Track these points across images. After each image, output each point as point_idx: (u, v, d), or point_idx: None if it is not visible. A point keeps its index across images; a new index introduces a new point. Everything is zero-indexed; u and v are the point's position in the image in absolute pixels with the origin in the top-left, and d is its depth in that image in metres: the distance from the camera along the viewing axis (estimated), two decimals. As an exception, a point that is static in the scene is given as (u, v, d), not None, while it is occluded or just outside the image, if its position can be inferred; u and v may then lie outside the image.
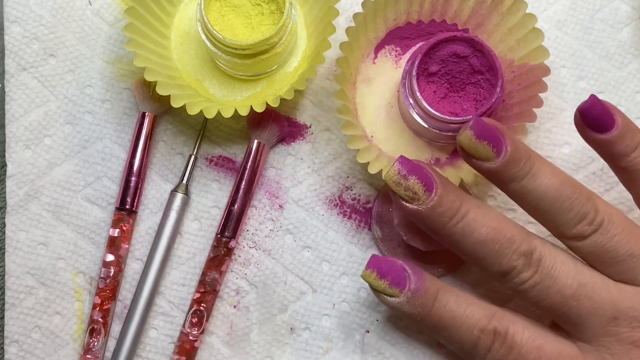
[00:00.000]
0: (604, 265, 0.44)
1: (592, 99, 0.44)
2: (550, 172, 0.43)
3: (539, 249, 0.43)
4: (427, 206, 0.43)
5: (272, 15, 0.51)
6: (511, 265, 0.43)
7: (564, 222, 0.43)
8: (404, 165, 0.43)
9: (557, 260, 0.43)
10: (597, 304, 0.43)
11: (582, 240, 0.43)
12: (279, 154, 0.54)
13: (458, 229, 0.43)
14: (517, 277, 0.43)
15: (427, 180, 0.43)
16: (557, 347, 0.44)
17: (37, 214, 0.53)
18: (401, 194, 0.43)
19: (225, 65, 0.52)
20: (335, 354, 0.53)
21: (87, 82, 0.55)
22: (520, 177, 0.43)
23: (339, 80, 0.49)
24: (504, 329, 0.44)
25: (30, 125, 0.54)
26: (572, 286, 0.43)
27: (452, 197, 0.43)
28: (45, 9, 0.55)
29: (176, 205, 0.53)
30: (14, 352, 0.52)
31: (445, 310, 0.44)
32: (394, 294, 0.44)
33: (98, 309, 0.52)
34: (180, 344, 0.52)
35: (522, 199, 0.44)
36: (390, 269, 0.44)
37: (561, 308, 0.43)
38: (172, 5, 0.54)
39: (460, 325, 0.44)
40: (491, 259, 0.43)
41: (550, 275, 0.43)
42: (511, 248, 0.43)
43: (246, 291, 0.53)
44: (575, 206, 0.43)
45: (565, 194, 0.43)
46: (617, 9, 0.55)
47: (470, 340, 0.44)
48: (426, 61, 0.49)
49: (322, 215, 0.54)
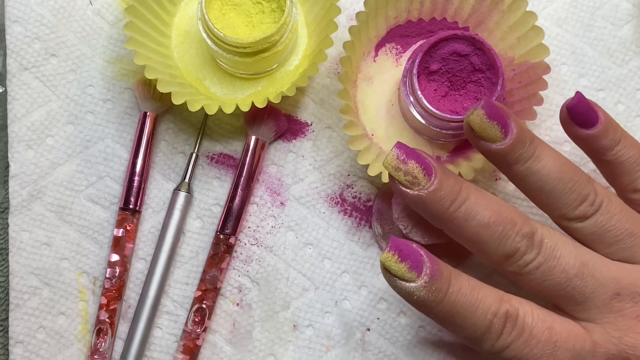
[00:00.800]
0: (604, 245, 0.44)
1: (579, 96, 0.45)
2: (553, 154, 0.44)
3: (540, 230, 0.43)
4: (427, 190, 0.42)
5: (272, 14, 0.51)
6: (515, 247, 0.43)
7: (566, 203, 0.44)
8: (402, 150, 0.43)
9: (558, 241, 0.43)
10: (599, 281, 0.43)
11: (585, 220, 0.44)
12: (281, 151, 0.54)
13: (460, 212, 0.43)
14: (522, 259, 0.43)
15: (426, 165, 0.43)
16: (565, 326, 0.44)
17: (40, 214, 0.54)
18: (401, 179, 0.43)
19: (226, 63, 0.52)
20: (337, 352, 0.53)
21: (89, 81, 0.55)
22: (525, 159, 0.43)
23: (342, 80, 0.49)
24: (515, 312, 0.43)
25: (33, 125, 0.54)
26: (575, 265, 0.43)
27: (451, 181, 0.43)
28: (47, 8, 0.55)
29: (179, 204, 0.53)
30: (19, 352, 0.53)
31: (459, 294, 0.43)
32: (412, 279, 0.42)
33: (104, 309, 0.52)
34: (184, 343, 0.52)
35: (526, 180, 0.44)
36: (410, 252, 0.42)
37: (565, 288, 0.43)
38: (173, 4, 0.54)
39: (475, 310, 0.43)
40: (494, 242, 0.43)
41: (553, 256, 0.43)
42: (514, 230, 0.43)
43: (248, 288, 0.53)
44: (577, 188, 0.43)
45: (568, 175, 0.43)
46: (617, 6, 0.55)
47: (483, 325, 0.43)
48: (427, 59, 0.49)
49: (323, 213, 0.54)
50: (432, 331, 0.53)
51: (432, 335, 0.53)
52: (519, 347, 0.43)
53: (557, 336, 0.43)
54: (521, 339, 0.43)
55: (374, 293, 0.53)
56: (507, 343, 0.43)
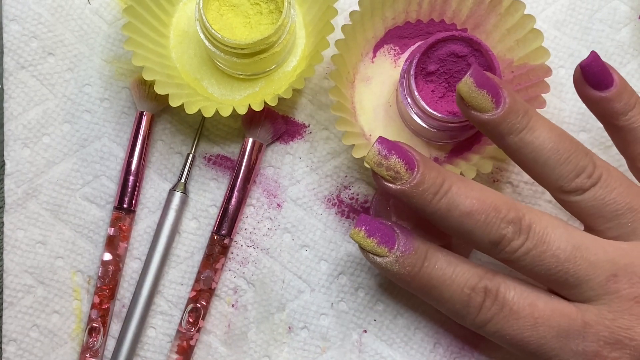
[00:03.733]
0: (603, 220, 0.43)
1: (593, 55, 0.44)
2: (548, 125, 0.43)
3: (528, 215, 0.43)
4: (410, 184, 0.42)
5: (270, 15, 0.51)
6: (500, 234, 0.42)
7: (562, 175, 0.43)
8: (384, 145, 0.43)
9: (547, 225, 0.43)
10: (594, 264, 0.42)
11: (582, 193, 0.43)
12: (277, 152, 0.54)
13: (442, 204, 0.42)
14: (509, 246, 0.42)
15: (408, 159, 0.43)
16: (551, 304, 0.43)
17: (36, 212, 0.53)
18: (383, 174, 0.43)
19: (223, 64, 0.52)
20: (333, 354, 0.53)
21: (86, 80, 0.55)
22: (518, 130, 0.43)
23: (333, 77, 0.49)
24: (495, 287, 0.43)
25: (29, 123, 0.54)
26: (566, 249, 0.42)
27: (434, 173, 0.43)
28: (44, 7, 0.55)
29: (175, 204, 0.53)
30: (12, 350, 0.52)
31: (434, 269, 0.44)
32: (383, 254, 0.44)
33: (97, 309, 0.52)
34: (178, 343, 0.52)
35: (519, 152, 0.43)
36: (378, 228, 0.44)
37: (557, 272, 0.42)
38: (171, 5, 0.54)
39: (451, 284, 0.44)
40: (479, 231, 0.42)
41: (542, 240, 0.42)
42: (498, 217, 0.42)
43: (244, 290, 0.53)
44: (573, 159, 0.43)
45: (564, 146, 0.43)
46: (615, 9, 0.55)
47: (460, 299, 0.44)
48: (424, 60, 0.49)
49: (320, 214, 0.54)
50: (429, 333, 0.53)
51: (429, 337, 0.53)
52: (500, 322, 0.43)
53: (540, 312, 0.43)
54: (502, 313, 0.43)
55: (371, 295, 0.53)
56: (487, 317, 0.43)
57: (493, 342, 0.45)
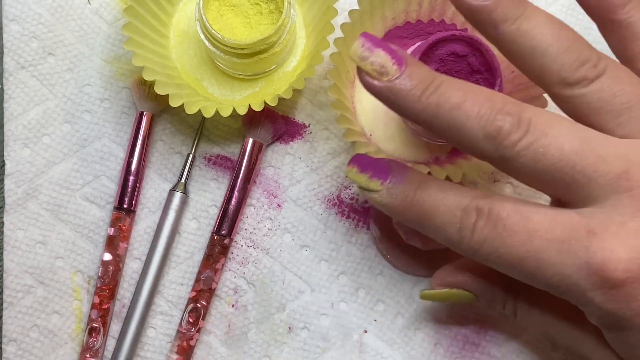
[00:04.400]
0: (613, 114, 0.39)
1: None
2: (546, 14, 0.39)
3: (528, 109, 0.38)
4: (397, 80, 0.39)
5: (270, 15, 0.51)
6: (497, 125, 0.38)
7: (565, 64, 0.39)
8: (368, 39, 0.39)
9: (550, 118, 0.38)
10: (603, 158, 0.37)
11: (588, 84, 0.39)
12: (278, 152, 0.54)
13: (432, 99, 0.38)
14: (507, 139, 0.38)
15: (395, 54, 0.39)
16: (549, 215, 0.38)
17: (36, 212, 0.53)
18: (367, 68, 0.39)
19: (224, 64, 0.52)
20: (333, 354, 0.53)
21: (86, 80, 0.55)
22: (514, 17, 0.39)
23: (332, 76, 0.49)
24: (487, 205, 0.39)
25: (29, 123, 0.54)
26: (572, 141, 0.37)
27: (424, 70, 0.39)
28: (44, 7, 0.55)
29: (175, 205, 0.53)
30: (12, 351, 0.52)
31: (427, 195, 0.40)
32: (376, 188, 0.41)
33: (97, 309, 0.52)
34: (178, 343, 0.52)
35: (516, 42, 0.39)
36: (371, 163, 0.41)
37: (563, 168, 0.38)
38: (171, 5, 0.54)
39: (442, 208, 0.40)
40: (473, 124, 0.38)
41: (545, 133, 0.38)
42: (494, 108, 0.38)
43: (244, 290, 0.53)
44: (576, 48, 0.39)
45: (565, 34, 0.39)
46: (616, 9, 0.55)
47: (452, 223, 0.40)
48: (425, 60, 0.49)
49: (320, 215, 0.54)
50: (429, 333, 0.53)
51: (429, 337, 0.53)
52: (495, 241, 0.39)
53: (536, 225, 0.38)
54: (495, 231, 0.38)
55: (372, 295, 0.53)
56: (481, 238, 0.39)
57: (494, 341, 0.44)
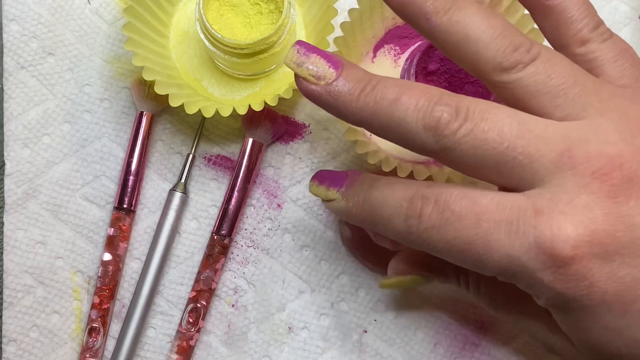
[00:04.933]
0: (549, 97, 0.39)
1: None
2: (477, 5, 0.39)
3: (465, 99, 0.38)
4: (335, 83, 0.39)
5: (270, 15, 0.51)
6: (435, 116, 0.38)
7: (499, 49, 0.38)
8: (303, 45, 0.40)
9: (488, 105, 0.38)
10: (544, 138, 0.37)
11: (523, 68, 0.38)
12: (278, 153, 0.54)
13: (370, 98, 0.39)
14: (447, 128, 0.37)
15: (330, 58, 0.39)
16: (496, 198, 0.37)
17: (36, 212, 0.53)
18: (304, 74, 0.39)
19: (223, 64, 0.52)
20: (333, 354, 0.53)
21: (86, 80, 0.55)
22: (445, 9, 0.39)
23: None
24: (433, 193, 0.39)
25: (29, 123, 0.54)
26: (512, 125, 0.37)
27: (360, 71, 0.39)
28: (44, 7, 0.55)
29: (175, 204, 0.53)
30: (12, 351, 0.52)
31: (376, 191, 0.40)
32: (334, 196, 0.42)
33: (97, 309, 0.52)
34: (177, 343, 0.52)
35: (449, 33, 0.39)
36: (329, 176, 0.42)
37: (505, 151, 0.37)
38: (171, 5, 0.54)
39: (390, 201, 0.40)
40: (411, 117, 0.38)
41: (484, 118, 0.37)
42: (431, 100, 0.38)
43: (244, 290, 0.53)
44: (508, 34, 0.39)
45: (496, 22, 0.39)
46: (616, 9, 0.55)
47: (400, 214, 0.39)
48: (425, 59, 0.49)
49: (320, 215, 0.54)
50: (429, 333, 0.53)
51: (429, 337, 0.53)
52: (442, 228, 0.38)
53: (483, 207, 0.37)
54: (442, 217, 0.38)
55: (372, 295, 0.53)
56: (429, 225, 0.38)
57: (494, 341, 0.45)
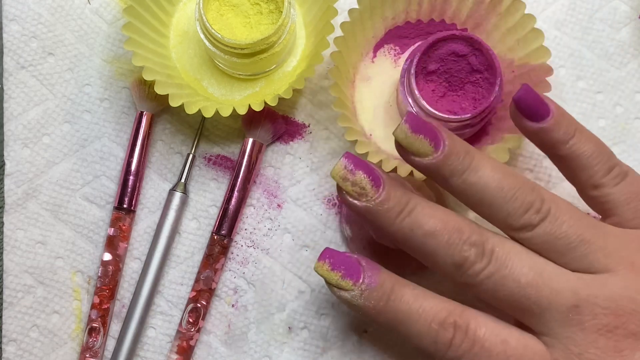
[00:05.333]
0: (557, 255, 0.43)
1: (525, 87, 0.44)
2: (491, 165, 0.43)
3: (491, 239, 0.42)
4: (375, 202, 0.42)
5: (270, 15, 0.51)
6: (462, 256, 0.42)
7: (510, 213, 0.42)
8: (350, 160, 0.42)
9: (510, 250, 0.42)
10: (556, 292, 0.41)
11: (532, 229, 0.42)
12: (278, 153, 0.54)
13: (406, 223, 0.42)
14: (471, 269, 0.42)
15: (374, 176, 0.42)
16: (522, 341, 0.42)
17: (36, 212, 0.53)
18: (349, 189, 0.42)
19: (223, 64, 0.52)
20: (333, 354, 0.53)
21: (86, 80, 0.55)
22: (460, 172, 0.42)
23: (333, 74, 0.49)
24: (465, 323, 0.42)
25: (29, 123, 0.54)
26: (528, 274, 0.42)
27: (399, 192, 0.42)
28: (44, 7, 0.55)
29: (175, 204, 0.53)
30: (12, 351, 0.52)
31: (401, 303, 0.43)
32: (347, 287, 0.43)
33: (97, 309, 0.52)
34: (177, 343, 0.52)
35: (464, 193, 0.43)
36: (343, 261, 0.44)
37: (520, 298, 0.42)
38: (171, 5, 0.54)
39: (418, 319, 0.43)
40: (442, 252, 0.42)
41: (505, 265, 0.42)
42: (461, 238, 0.42)
43: (244, 290, 0.53)
44: (519, 196, 0.42)
45: (509, 185, 0.42)
46: (616, 9, 0.55)
47: (429, 335, 0.42)
48: (425, 59, 0.49)
49: (320, 215, 0.54)
50: (429, 333, 0.53)
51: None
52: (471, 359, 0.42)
53: (512, 351, 0.42)
54: (473, 351, 0.42)
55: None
56: (457, 354, 0.42)
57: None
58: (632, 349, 0.41)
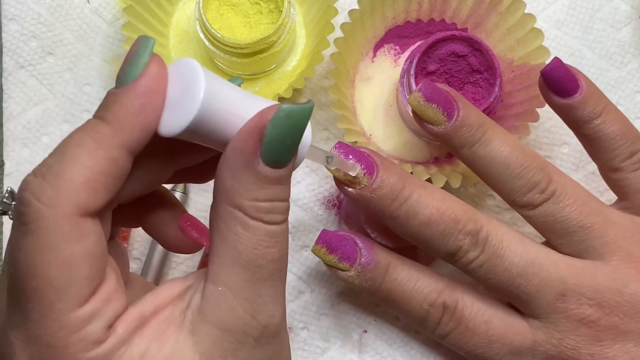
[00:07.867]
0: (555, 236, 0.44)
1: (555, 61, 0.44)
2: (504, 140, 0.43)
3: (485, 227, 0.43)
4: (368, 189, 0.43)
5: (270, 14, 0.51)
6: (457, 245, 0.43)
7: (514, 190, 0.43)
8: (343, 149, 0.43)
9: (503, 238, 0.43)
10: (544, 281, 0.43)
11: (533, 209, 0.43)
12: (278, 153, 0.54)
13: (402, 211, 0.43)
14: (464, 257, 0.43)
15: (367, 162, 0.43)
16: (505, 322, 0.44)
17: (35, 212, 0.53)
18: (342, 177, 0.43)
19: (223, 64, 0.52)
20: (333, 354, 0.52)
21: (85, 80, 0.55)
22: (471, 143, 0.43)
23: (333, 76, 0.49)
24: (453, 303, 0.44)
25: (28, 123, 0.54)
26: (519, 264, 0.43)
27: (393, 179, 0.43)
28: (44, 6, 0.55)
29: (174, 204, 0.53)
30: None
31: (395, 283, 0.45)
32: (345, 268, 0.45)
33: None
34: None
35: (473, 164, 0.44)
36: (340, 244, 0.45)
37: (509, 287, 0.43)
38: (171, 4, 0.54)
39: (410, 299, 0.45)
40: (437, 240, 0.43)
41: (496, 254, 0.43)
42: (456, 228, 0.43)
43: (244, 290, 0.53)
44: (526, 174, 0.43)
45: (517, 161, 0.43)
46: (616, 9, 0.55)
47: (420, 314, 0.45)
48: (425, 60, 0.49)
49: (320, 215, 0.54)
50: (429, 333, 0.53)
51: (429, 337, 0.52)
52: (456, 337, 0.45)
53: (494, 330, 0.44)
54: (458, 330, 0.44)
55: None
56: (444, 332, 0.45)
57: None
58: (612, 339, 0.43)
